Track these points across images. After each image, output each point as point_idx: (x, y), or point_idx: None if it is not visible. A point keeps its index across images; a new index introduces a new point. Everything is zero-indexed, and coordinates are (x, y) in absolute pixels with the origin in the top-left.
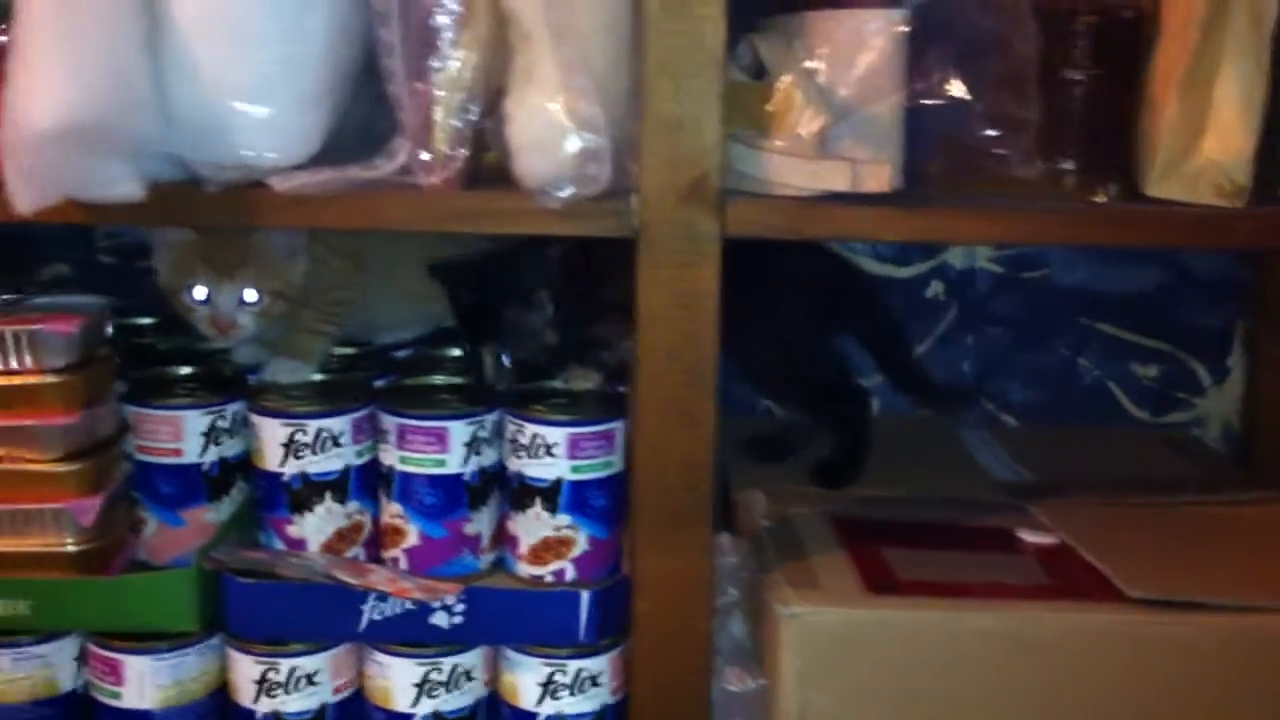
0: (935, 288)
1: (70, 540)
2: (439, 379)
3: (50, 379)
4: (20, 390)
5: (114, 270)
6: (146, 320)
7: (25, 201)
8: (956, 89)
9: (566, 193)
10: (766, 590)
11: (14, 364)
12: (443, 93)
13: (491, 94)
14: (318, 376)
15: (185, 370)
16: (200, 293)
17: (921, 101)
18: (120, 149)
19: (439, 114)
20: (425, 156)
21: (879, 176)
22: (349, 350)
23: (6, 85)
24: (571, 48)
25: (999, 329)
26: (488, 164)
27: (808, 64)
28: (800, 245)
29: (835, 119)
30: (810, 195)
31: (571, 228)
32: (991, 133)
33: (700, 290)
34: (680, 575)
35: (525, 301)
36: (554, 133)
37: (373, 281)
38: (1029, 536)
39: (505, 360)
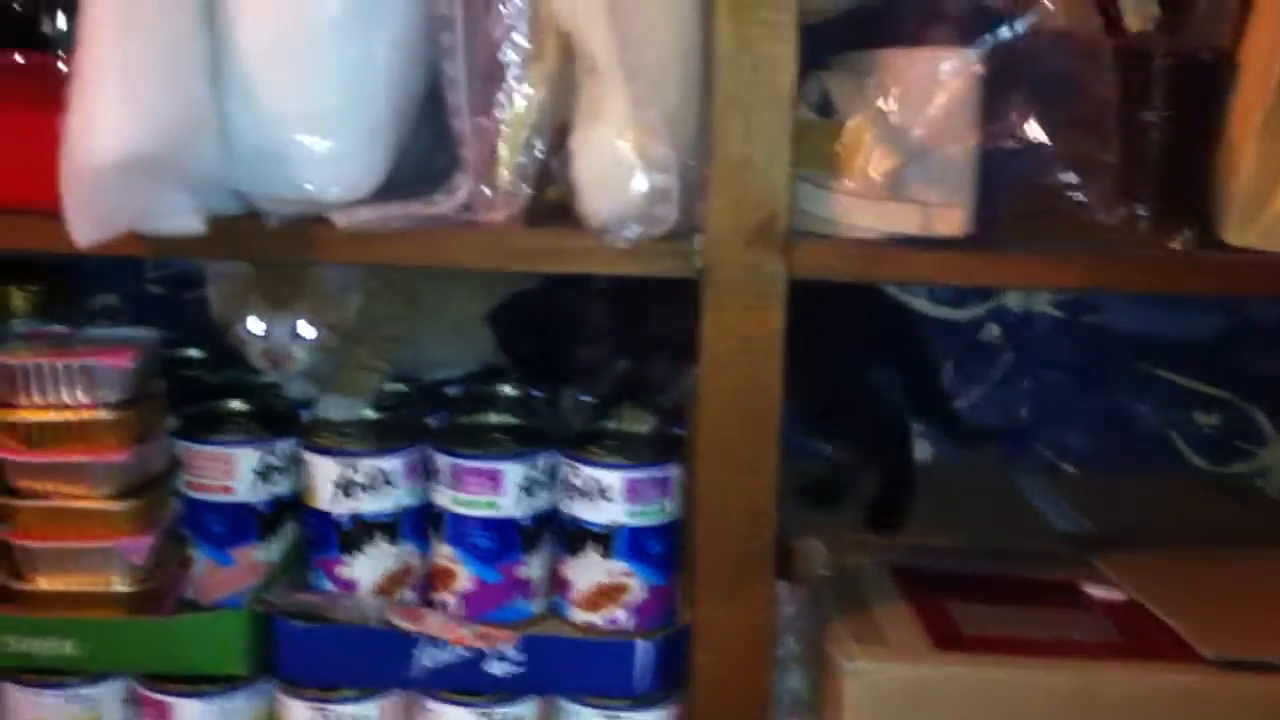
0: (991, 331)
1: (120, 580)
2: (492, 418)
3: (103, 414)
4: (73, 426)
5: (163, 300)
6: (195, 352)
7: (84, 235)
8: (1032, 131)
9: (632, 232)
10: (829, 643)
11: (66, 399)
12: (507, 128)
13: (556, 130)
14: (370, 414)
15: (237, 406)
16: (255, 325)
17: (996, 143)
18: (182, 181)
19: (503, 150)
20: (488, 192)
21: (950, 220)
22: (400, 387)
23: (67, 116)
24: (642, 83)
25: (1056, 374)
26: (548, 200)
27: (879, 103)
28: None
29: (906, 160)
30: (879, 238)
31: (635, 267)
32: (1068, 176)
33: (765, 334)
34: (742, 626)
35: (591, 338)
36: (621, 171)
37: (424, 317)
38: (1096, 591)
39: (580, 400)
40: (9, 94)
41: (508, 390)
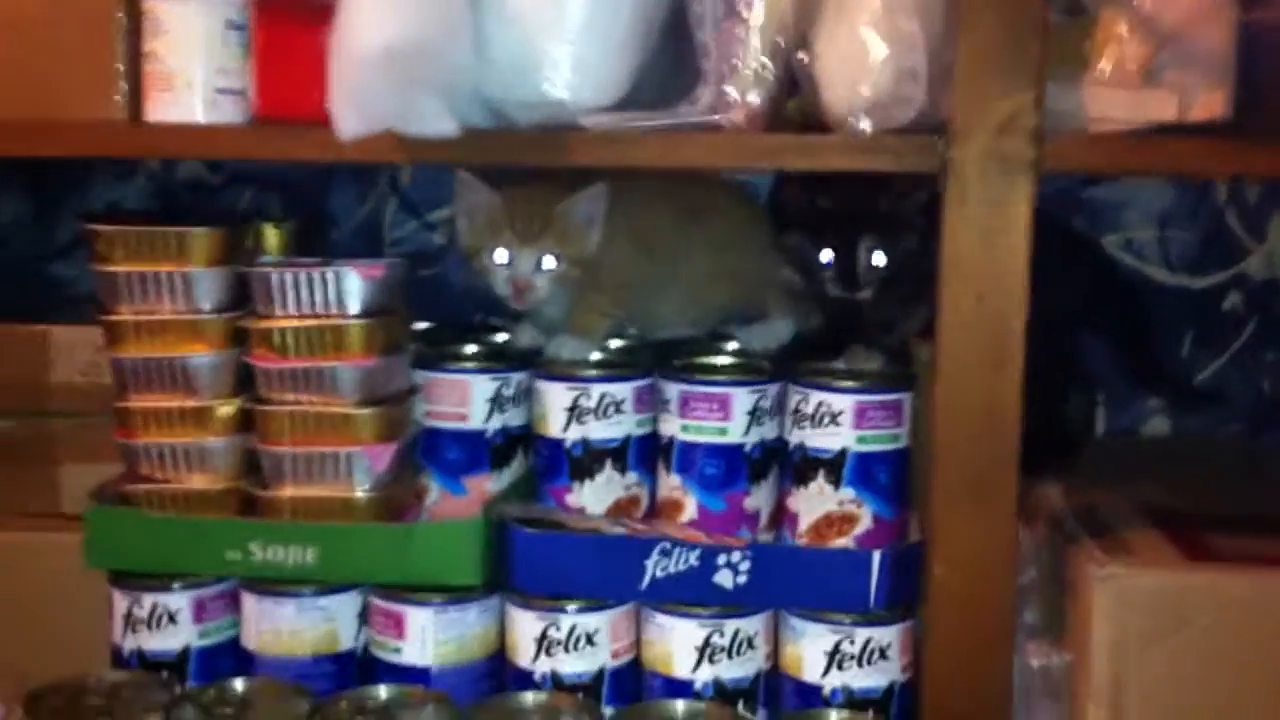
0: (1233, 299)
1: (362, 486)
2: (720, 360)
3: (354, 321)
4: (325, 331)
5: None
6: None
7: (349, 127)
8: None
9: (878, 117)
10: (1075, 557)
11: (318, 307)
12: (751, 32)
13: (799, 36)
14: (598, 355)
15: (472, 346)
16: (501, 255)
17: (1261, 21)
18: (438, 82)
19: (747, 54)
20: (731, 95)
21: (1210, 104)
22: (626, 343)
23: (337, 19)
24: None
25: None
26: (788, 115)
27: None
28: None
29: (1160, 47)
30: (1134, 129)
31: (877, 162)
32: None
33: (1012, 228)
34: (984, 536)
35: (898, 191)
36: (868, 52)
37: (657, 276)
38: None
39: (875, 257)
40: (277, 9)
41: (732, 345)
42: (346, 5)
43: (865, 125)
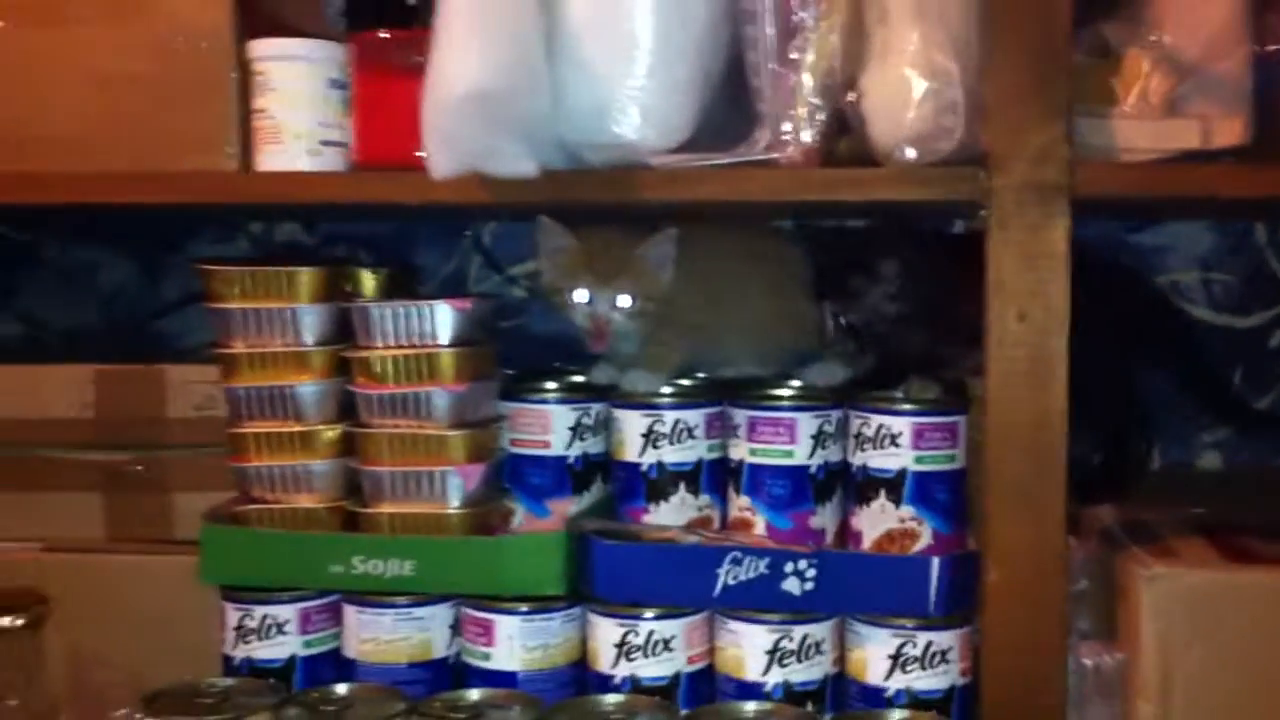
0: None
1: (454, 503)
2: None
3: (446, 350)
4: (419, 360)
5: None
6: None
7: (440, 167)
8: None
9: (921, 148)
10: (1124, 563)
11: (414, 338)
12: (803, 76)
13: (848, 79)
14: (670, 388)
15: (553, 380)
16: (581, 295)
17: (1274, 53)
18: (519, 126)
19: (800, 97)
20: (786, 134)
21: (1230, 131)
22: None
23: (430, 70)
24: (931, 18)
25: None
26: (840, 154)
27: (1153, 36)
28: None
29: (1181, 80)
30: (1161, 158)
31: (925, 193)
32: None
33: (1050, 252)
34: (1034, 542)
35: (869, 269)
36: (909, 87)
37: (722, 317)
38: None
39: (841, 320)
40: (376, 66)
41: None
42: (437, 55)
43: (910, 155)
